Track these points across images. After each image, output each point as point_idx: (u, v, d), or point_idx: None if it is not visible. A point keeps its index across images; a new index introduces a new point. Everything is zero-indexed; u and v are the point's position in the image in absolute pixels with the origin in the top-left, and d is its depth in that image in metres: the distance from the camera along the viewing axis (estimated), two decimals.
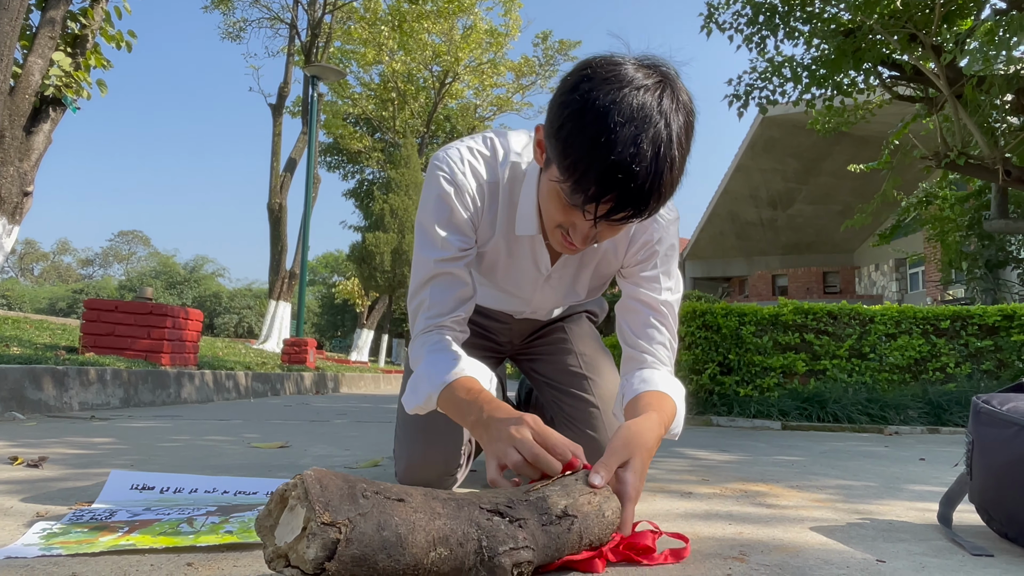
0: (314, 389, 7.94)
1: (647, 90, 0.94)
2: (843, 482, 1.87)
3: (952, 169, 6.59)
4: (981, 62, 5.00)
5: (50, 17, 4.47)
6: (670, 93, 0.95)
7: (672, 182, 0.96)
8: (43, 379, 3.43)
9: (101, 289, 55.11)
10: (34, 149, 4.54)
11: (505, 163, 1.26)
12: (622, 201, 0.95)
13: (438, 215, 1.24)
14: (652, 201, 0.96)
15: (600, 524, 0.88)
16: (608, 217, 0.98)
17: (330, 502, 0.67)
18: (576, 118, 0.94)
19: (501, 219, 1.29)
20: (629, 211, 0.96)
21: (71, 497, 1.31)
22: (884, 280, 23.46)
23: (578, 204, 0.98)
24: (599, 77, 0.95)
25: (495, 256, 1.35)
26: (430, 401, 1.18)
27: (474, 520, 0.76)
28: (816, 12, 6.64)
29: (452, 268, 1.24)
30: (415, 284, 1.28)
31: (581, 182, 0.95)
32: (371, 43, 20.65)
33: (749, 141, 19.97)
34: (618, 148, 0.91)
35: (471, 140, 1.28)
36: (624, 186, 0.93)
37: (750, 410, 4.52)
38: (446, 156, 1.25)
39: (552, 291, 1.42)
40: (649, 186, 0.93)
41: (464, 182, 1.23)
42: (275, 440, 2.52)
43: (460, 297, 1.26)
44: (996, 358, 4.91)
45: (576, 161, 0.94)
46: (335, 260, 53.52)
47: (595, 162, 0.92)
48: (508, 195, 1.27)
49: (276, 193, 15.13)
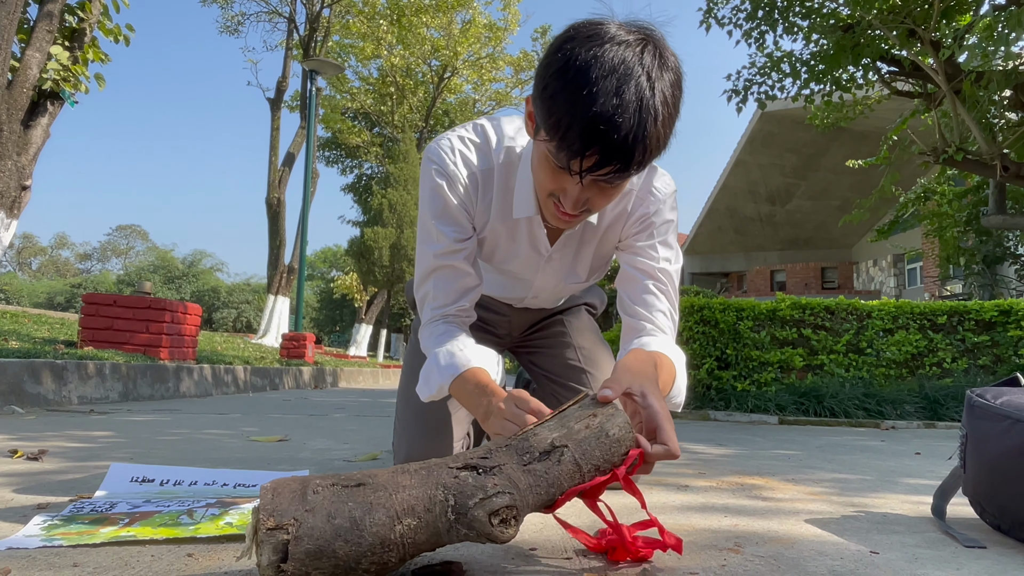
0: (313, 384, 7.95)
1: (628, 46, 0.94)
2: (839, 476, 1.89)
3: (950, 165, 6.60)
4: (979, 58, 5.00)
5: (48, 11, 4.46)
6: (652, 50, 0.96)
7: (657, 136, 0.96)
8: (42, 373, 3.43)
9: (99, 283, 55.03)
10: (32, 143, 4.53)
11: (499, 148, 1.26)
12: (606, 154, 0.94)
13: (433, 208, 1.25)
14: (637, 154, 0.95)
15: (603, 445, 0.83)
16: (594, 172, 0.97)
17: (276, 508, 0.69)
18: (559, 76, 0.95)
19: (497, 204, 1.29)
20: (615, 164, 0.96)
21: (71, 489, 1.32)
22: (882, 275, 23.49)
23: (564, 163, 0.98)
24: (581, 36, 0.96)
25: (495, 241, 1.35)
26: (441, 391, 1.21)
27: (440, 482, 0.75)
28: (815, 7, 6.63)
29: (451, 261, 1.25)
30: (418, 277, 1.30)
31: (566, 138, 0.95)
32: (370, 37, 20.59)
33: (748, 136, 19.96)
34: (600, 100, 0.91)
35: (462, 129, 1.29)
36: (607, 138, 0.93)
37: (747, 404, 4.53)
38: (437, 148, 1.26)
39: (553, 273, 1.42)
40: (633, 138, 0.93)
41: (455, 172, 1.24)
42: (274, 434, 2.53)
43: (463, 288, 1.27)
44: (993, 353, 4.93)
45: (560, 118, 0.95)
46: (334, 255, 53.50)
47: (577, 116, 0.93)
48: (503, 179, 1.27)
49: (274, 188, 15.11)
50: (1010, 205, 8.92)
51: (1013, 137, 6.49)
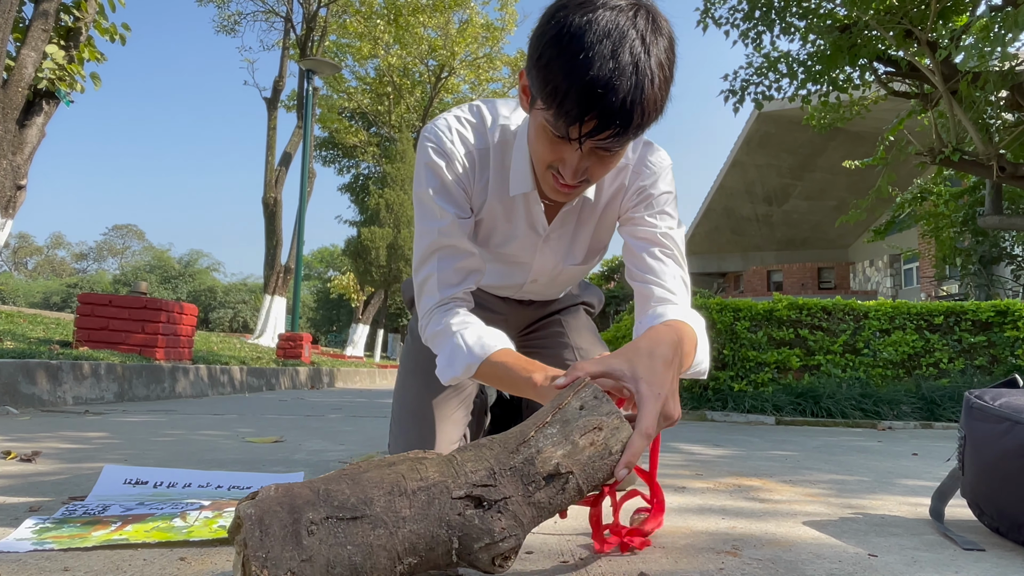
0: (309, 384, 7.94)
1: (620, 11, 0.94)
2: (836, 477, 1.88)
3: (947, 165, 6.60)
4: (976, 58, 5.00)
5: (43, 9, 4.44)
6: (645, 14, 0.96)
7: (654, 99, 0.95)
8: (37, 373, 3.42)
9: (95, 283, 54.91)
10: (27, 142, 4.51)
11: (494, 127, 1.26)
12: (605, 118, 0.94)
13: (431, 185, 1.24)
14: (636, 116, 0.95)
15: (606, 466, 0.80)
16: (593, 136, 0.97)
17: (269, 554, 0.63)
18: (553, 43, 0.95)
19: (494, 183, 1.29)
20: (614, 128, 0.95)
21: (64, 491, 1.31)
22: (879, 276, 23.54)
23: (562, 131, 0.98)
24: (574, 3, 0.96)
25: (492, 222, 1.34)
26: (469, 371, 1.17)
27: (444, 518, 0.71)
28: (812, 8, 6.63)
29: (454, 240, 1.24)
30: (419, 256, 1.28)
31: (564, 104, 0.95)
32: (367, 37, 20.57)
33: (745, 137, 19.98)
34: (596, 64, 0.91)
35: (458, 110, 1.29)
36: (605, 102, 0.93)
37: (744, 405, 4.53)
38: (434, 127, 1.26)
39: (551, 253, 1.41)
40: (631, 100, 0.93)
41: (452, 150, 1.24)
42: (270, 435, 2.52)
43: (467, 268, 1.26)
44: (989, 354, 4.93)
45: (557, 85, 0.95)
46: (330, 255, 53.43)
47: (575, 82, 0.92)
48: (500, 158, 1.27)
49: (271, 187, 15.09)
50: (1006, 205, 8.93)
51: (1010, 138, 6.50)
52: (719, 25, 6.97)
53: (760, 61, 7.05)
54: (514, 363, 1.11)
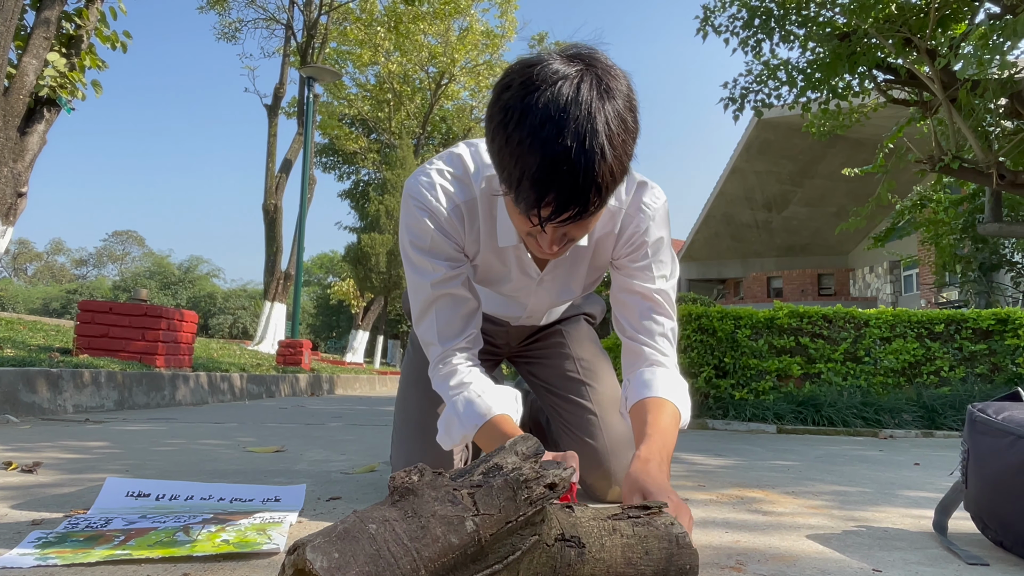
0: (309, 391, 7.93)
1: (567, 80, 0.91)
2: (838, 488, 1.88)
3: (946, 173, 6.61)
4: (975, 66, 5.01)
5: (45, 17, 4.46)
6: (591, 80, 0.92)
7: (610, 170, 0.92)
8: (37, 381, 3.41)
9: (95, 290, 54.93)
10: (28, 150, 4.52)
11: (478, 176, 1.24)
12: (561, 201, 0.93)
13: (419, 244, 1.23)
14: (592, 195, 0.93)
15: None
16: (553, 220, 0.95)
17: None
18: (500, 131, 0.94)
19: (484, 232, 1.27)
20: (573, 209, 0.94)
21: (66, 504, 1.31)
22: (879, 282, 23.55)
23: (525, 214, 0.97)
24: (515, 83, 0.94)
25: (488, 268, 1.35)
26: (465, 440, 1.23)
27: None
28: (811, 16, 6.65)
29: (450, 288, 1.24)
30: (418, 310, 1.27)
31: (519, 191, 0.94)
32: (367, 44, 20.63)
33: (744, 143, 20.02)
34: (542, 151, 0.89)
35: (439, 162, 1.26)
36: (559, 185, 0.91)
37: (746, 413, 4.52)
38: (416, 183, 1.23)
39: (546, 294, 1.42)
40: (584, 180, 0.91)
41: (438, 207, 1.21)
42: (271, 444, 2.52)
43: (466, 314, 1.26)
44: (990, 362, 4.93)
45: (510, 173, 0.94)
46: (330, 261, 53.47)
47: (525, 169, 0.91)
48: (488, 207, 1.25)
49: (271, 194, 15.11)
50: (1006, 213, 8.95)
51: (1009, 145, 6.51)
52: (719, 33, 6.99)
53: (760, 69, 7.06)
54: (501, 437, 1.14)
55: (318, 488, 1.57)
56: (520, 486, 0.71)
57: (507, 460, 0.74)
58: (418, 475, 0.71)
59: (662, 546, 0.83)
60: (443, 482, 0.71)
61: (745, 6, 6.71)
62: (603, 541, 0.80)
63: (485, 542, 0.68)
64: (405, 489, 0.69)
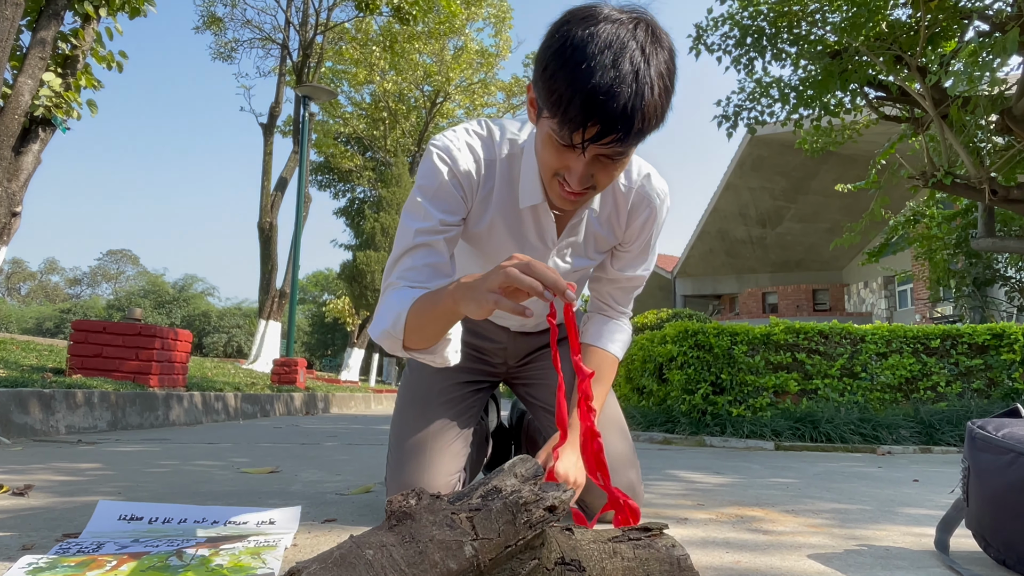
0: (304, 410, 7.88)
1: (622, 23, 1.00)
2: (838, 506, 1.86)
3: (939, 188, 6.65)
4: (965, 83, 5.07)
5: (41, 38, 4.47)
6: (645, 27, 1.01)
7: (654, 106, 1.00)
8: (29, 402, 3.38)
9: (89, 309, 54.66)
10: (23, 169, 4.52)
11: (502, 141, 1.30)
12: (607, 123, 0.99)
13: (426, 188, 1.26)
14: (636, 122, 0.99)
15: None
16: (596, 141, 1.01)
17: None
18: (557, 55, 1.00)
19: (498, 195, 1.31)
20: (616, 133, 1.00)
21: (57, 527, 1.29)
22: (873, 297, 23.60)
23: (566, 138, 1.03)
24: (576, 18, 1.01)
25: (497, 239, 1.35)
26: (399, 320, 1.18)
27: None
28: (803, 34, 6.72)
29: (431, 239, 1.24)
30: (394, 254, 1.28)
31: (567, 111, 0.99)
32: (362, 63, 20.76)
33: (738, 160, 20.13)
34: (598, 73, 0.96)
35: (467, 124, 1.33)
36: (607, 108, 0.97)
37: (743, 430, 4.51)
38: (443, 136, 1.29)
39: (561, 263, 1.43)
40: (631, 106, 0.97)
41: (459, 157, 1.26)
42: (265, 465, 2.49)
43: (435, 268, 1.25)
44: (986, 377, 4.93)
45: (561, 94, 0.99)
46: (325, 278, 53.41)
47: (577, 90, 0.97)
48: (507, 171, 1.30)
49: (267, 212, 15.10)
50: (999, 227, 9.00)
51: (1001, 161, 6.56)
52: (711, 51, 7.05)
53: (752, 86, 7.12)
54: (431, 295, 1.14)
55: (313, 510, 1.55)
56: (519, 509, 0.70)
57: (506, 482, 0.73)
58: (415, 499, 0.70)
59: (663, 569, 0.81)
60: (441, 506, 0.70)
61: (737, 25, 6.78)
62: (604, 564, 0.78)
63: (484, 567, 0.67)
64: (402, 513, 0.68)
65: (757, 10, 6.63)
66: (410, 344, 1.19)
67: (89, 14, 4.77)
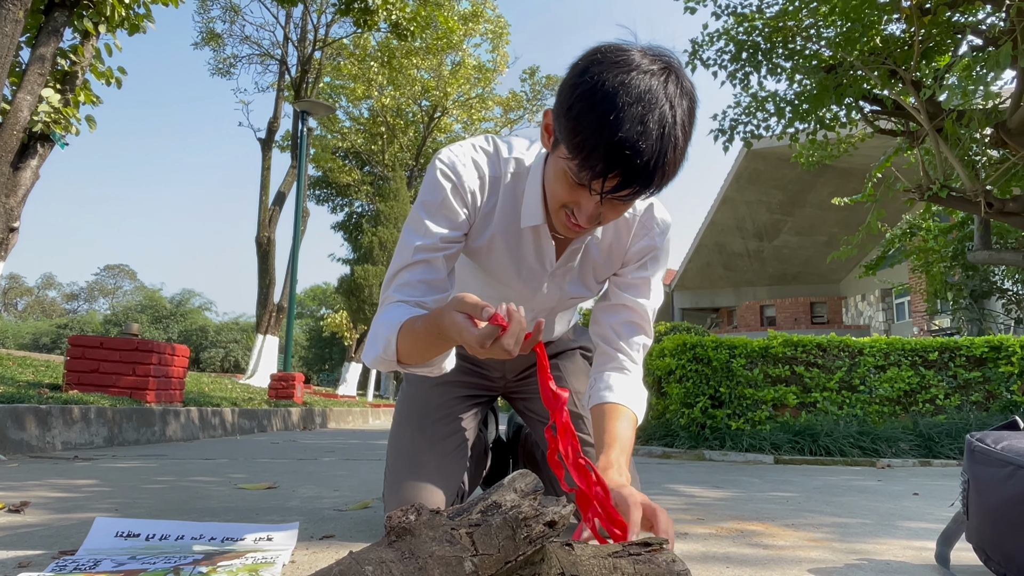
0: (301, 425, 7.85)
1: (653, 75, 0.99)
2: (838, 519, 1.86)
3: (935, 201, 6.68)
4: (960, 97, 5.10)
5: (40, 54, 4.49)
6: (674, 79, 1.01)
7: (675, 162, 1.01)
8: (25, 418, 3.37)
9: (86, 324, 54.53)
10: (21, 185, 4.52)
11: (508, 160, 1.30)
12: (628, 177, 0.99)
13: (428, 204, 1.25)
14: (656, 178, 1.00)
15: None
16: (614, 193, 1.02)
17: None
18: (586, 98, 0.99)
19: (500, 213, 1.31)
20: (635, 187, 1.01)
21: (54, 544, 1.28)
22: (871, 310, 23.63)
23: (585, 181, 1.03)
24: (608, 61, 1.00)
25: (496, 256, 1.35)
26: (389, 346, 1.17)
27: None
28: (798, 49, 6.77)
29: (430, 256, 1.24)
30: (393, 268, 1.28)
31: (590, 158, 0.99)
32: (360, 79, 20.86)
33: (734, 174, 20.21)
34: (625, 126, 0.96)
35: (473, 139, 1.33)
36: (630, 162, 0.97)
37: (742, 444, 4.50)
38: (448, 151, 1.29)
39: (556, 288, 1.42)
40: (654, 164, 0.98)
41: (463, 173, 1.26)
42: (262, 480, 2.48)
43: (431, 284, 1.25)
44: (985, 389, 4.93)
45: (585, 139, 0.99)
46: (323, 293, 53.36)
47: (603, 139, 0.97)
48: (511, 189, 1.30)
49: (264, 227, 15.12)
50: (995, 240, 9.02)
51: (996, 174, 6.59)
52: (707, 66, 7.10)
53: (748, 101, 7.16)
54: (422, 321, 1.11)
55: (311, 526, 1.54)
56: (519, 524, 0.70)
57: (506, 497, 0.73)
58: (415, 514, 0.69)
59: None
60: (440, 521, 0.70)
61: (732, 40, 6.83)
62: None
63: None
64: (402, 529, 0.68)
65: (752, 25, 6.68)
66: (405, 362, 1.19)
67: (88, 30, 4.80)
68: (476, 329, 0.94)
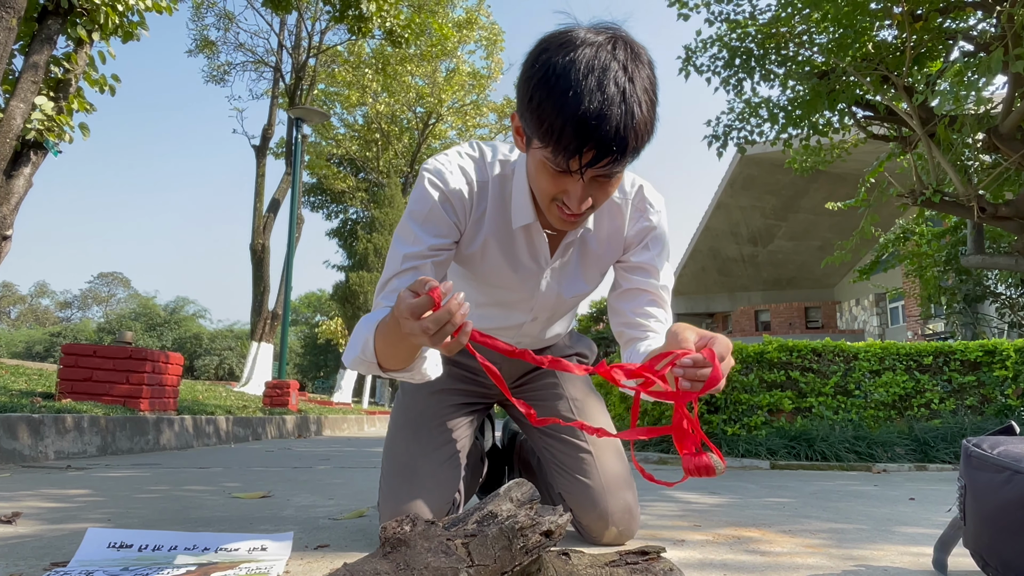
0: (296, 433, 7.82)
1: (600, 46, 1.00)
2: (835, 525, 1.85)
3: (928, 206, 6.71)
4: (951, 102, 5.13)
5: (33, 62, 4.48)
6: (623, 44, 1.02)
7: (645, 122, 1.01)
8: (18, 428, 3.34)
9: (79, 332, 54.27)
10: (14, 193, 4.50)
11: (493, 162, 1.31)
12: (601, 147, 0.99)
13: (416, 213, 1.26)
14: (630, 141, 1.00)
15: None
16: (594, 166, 1.02)
17: None
18: (542, 85, 1.00)
19: (491, 216, 1.31)
20: (612, 155, 1.01)
21: (46, 556, 1.27)
22: (865, 315, 23.69)
23: (563, 165, 1.03)
24: (554, 45, 1.02)
25: (491, 260, 1.35)
26: (367, 345, 1.16)
27: None
28: (791, 55, 6.80)
29: (418, 264, 1.25)
30: (383, 277, 1.28)
31: (561, 140, 1.00)
32: (355, 85, 20.87)
33: (728, 179, 20.27)
34: (585, 99, 0.96)
35: (459, 147, 1.34)
36: (600, 132, 0.98)
37: (739, 449, 4.49)
38: (435, 160, 1.30)
39: (555, 284, 1.42)
40: (623, 126, 0.98)
41: (451, 180, 1.27)
42: (257, 489, 2.47)
43: None
44: (979, 393, 4.94)
45: (552, 123, 0.99)
46: (318, 300, 53.29)
47: (568, 118, 0.98)
48: (499, 192, 1.30)
49: (259, 234, 15.08)
50: (988, 244, 9.06)
51: (988, 179, 6.62)
52: (700, 73, 7.12)
53: (741, 107, 7.19)
54: (388, 318, 1.10)
55: (306, 535, 1.53)
56: (515, 534, 0.69)
57: (502, 507, 0.72)
58: (410, 525, 0.69)
59: None
60: (436, 532, 0.69)
61: (726, 46, 6.86)
62: None
63: None
64: (397, 540, 0.68)
65: (745, 32, 6.71)
66: (386, 366, 1.18)
67: (82, 38, 4.78)
68: (410, 298, 0.90)
